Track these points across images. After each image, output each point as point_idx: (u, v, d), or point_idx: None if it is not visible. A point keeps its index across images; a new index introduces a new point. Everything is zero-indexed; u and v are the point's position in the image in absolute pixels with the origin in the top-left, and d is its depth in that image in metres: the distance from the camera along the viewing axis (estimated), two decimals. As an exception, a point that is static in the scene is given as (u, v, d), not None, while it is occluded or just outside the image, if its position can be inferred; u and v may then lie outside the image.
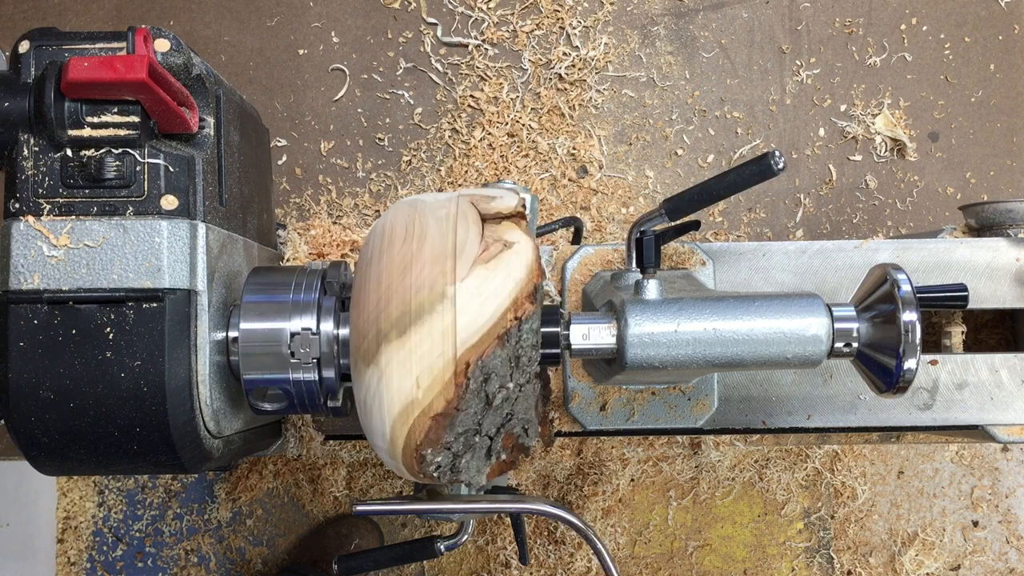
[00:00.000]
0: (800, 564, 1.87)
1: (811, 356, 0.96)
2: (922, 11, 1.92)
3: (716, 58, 1.91)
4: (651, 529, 1.86)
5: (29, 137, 0.89)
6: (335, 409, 1.01)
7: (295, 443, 1.24)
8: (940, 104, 1.91)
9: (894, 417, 1.23)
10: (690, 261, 1.22)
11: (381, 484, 1.84)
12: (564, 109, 1.87)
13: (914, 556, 1.86)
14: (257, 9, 1.89)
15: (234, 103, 1.02)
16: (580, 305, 1.23)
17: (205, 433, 0.93)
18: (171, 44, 0.89)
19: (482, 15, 1.88)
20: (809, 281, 1.24)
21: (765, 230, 1.89)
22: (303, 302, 0.98)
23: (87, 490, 1.89)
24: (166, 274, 0.89)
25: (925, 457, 1.90)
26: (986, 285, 1.23)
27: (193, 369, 0.91)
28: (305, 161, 1.87)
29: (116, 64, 0.83)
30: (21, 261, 0.88)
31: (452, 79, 1.88)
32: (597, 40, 1.89)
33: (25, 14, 1.89)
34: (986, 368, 1.22)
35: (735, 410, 1.23)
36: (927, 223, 1.90)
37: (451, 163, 1.86)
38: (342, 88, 1.88)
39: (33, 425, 0.88)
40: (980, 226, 1.29)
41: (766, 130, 1.90)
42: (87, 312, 0.87)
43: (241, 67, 1.88)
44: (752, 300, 0.97)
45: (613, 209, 1.87)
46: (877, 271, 0.97)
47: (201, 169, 0.92)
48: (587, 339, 0.97)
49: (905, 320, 0.91)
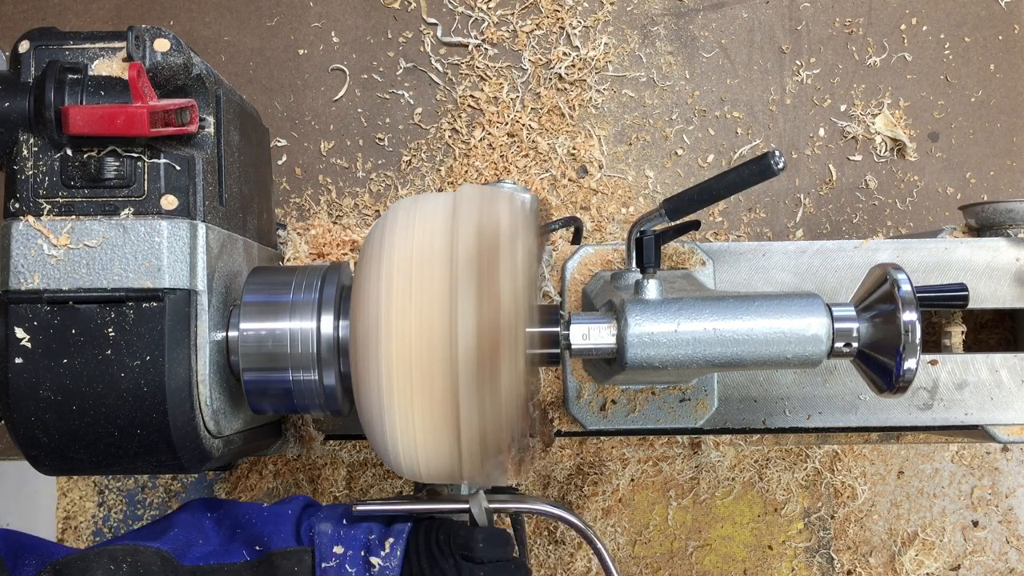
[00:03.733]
0: (800, 564, 1.87)
1: (811, 356, 0.96)
2: (922, 11, 1.92)
3: (716, 58, 1.91)
4: (651, 529, 1.86)
5: (29, 137, 0.89)
6: (335, 409, 1.01)
7: (295, 443, 1.24)
8: (940, 104, 1.91)
9: (894, 417, 1.23)
10: (690, 261, 1.22)
11: (381, 484, 1.84)
12: (564, 109, 1.87)
13: (914, 556, 1.86)
14: (257, 9, 1.89)
15: (234, 103, 1.02)
16: (580, 305, 1.23)
17: (205, 433, 0.93)
18: (171, 44, 0.89)
19: (482, 15, 1.88)
20: (809, 281, 1.24)
21: (765, 230, 1.89)
22: (303, 302, 0.98)
23: (87, 490, 1.89)
24: (166, 274, 0.89)
25: (925, 457, 1.90)
26: (986, 285, 1.23)
27: (193, 369, 0.91)
28: (305, 161, 1.87)
29: (117, 120, 0.84)
30: (21, 261, 0.88)
31: (452, 79, 1.88)
32: (597, 40, 1.89)
33: (25, 14, 1.89)
34: (986, 368, 1.22)
35: (735, 410, 1.23)
36: (927, 223, 1.90)
37: (451, 163, 1.86)
38: (342, 88, 1.88)
39: (33, 425, 0.88)
40: (980, 226, 1.29)
41: (766, 130, 1.90)
42: (87, 312, 0.87)
43: (241, 67, 1.88)
44: (752, 300, 0.97)
45: (613, 209, 1.87)
46: (877, 271, 0.97)
47: (201, 169, 0.92)
48: (587, 339, 0.97)
49: (905, 320, 0.91)
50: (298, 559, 0.93)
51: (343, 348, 0.97)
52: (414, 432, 0.88)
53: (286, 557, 0.93)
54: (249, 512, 1.00)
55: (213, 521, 1.00)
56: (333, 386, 0.98)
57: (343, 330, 0.97)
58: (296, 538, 0.97)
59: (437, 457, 0.90)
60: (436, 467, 0.91)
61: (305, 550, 0.95)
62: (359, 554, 0.94)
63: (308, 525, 0.98)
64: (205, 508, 1.03)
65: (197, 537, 0.97)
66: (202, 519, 1.01)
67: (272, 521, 0.98)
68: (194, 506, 1.03)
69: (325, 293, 0.98)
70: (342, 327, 0.97)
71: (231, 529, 0.99)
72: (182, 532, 0.98)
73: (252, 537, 0.97)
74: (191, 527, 0.99)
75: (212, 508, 1.03)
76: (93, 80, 0.89)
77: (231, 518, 1.01)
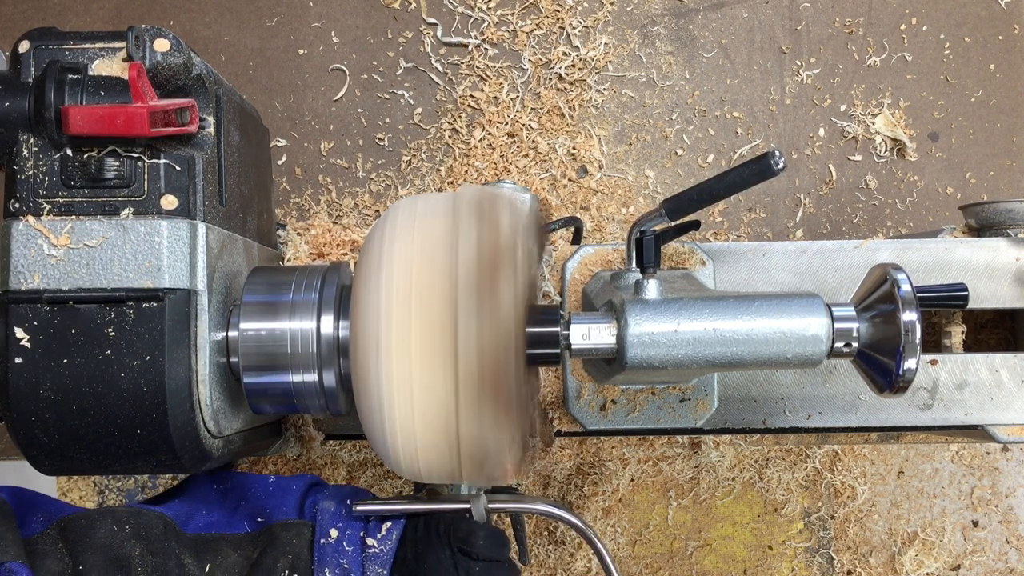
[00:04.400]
0: (800, 564, 1.87)
1: (811, 356, 0.96)
2: (922, 11, 1.92)
3: (716, 58, 1.91)
4: (651, 529, 1.86)
5: (29, 137, 0.89)
6: (335, 409, 1.01)
7: (295, 443, 1.24)
8: (940, 104, 1.91)
9: (894, 417, 1.23)
10: (690, 261, 1.22)
11: (381, 484, 1.84)
12: (564, 109, 1.87)
13: (914, 556, 1.86)
14: (257, 9, 1.89)
15: (234, 103, 1.02)
16: (580, 305, 1.23)
17: (205, 433, 0.93)
18: (171, 44, 0.89)
19: (482, 15, 1.88)
20: (809, 281, 1.24)
21: (765, 230, 1.89)
22: (303, 302, 0.98)
23: (87, 490, 1.89)
24: (166, 274, 0.89)
25: (925, 457, 1.90)
26: (986, 285, 1.23)
27: (193, 369, 0.91)
28: (305, 161, 1.87)
29: (117, 120, 0.84)
30: (21, 261, 0.88)
31: (452, 79, 1.88)
32: (597, 40, 1.89)
33: (25, 14, 1.89)
34: (986, 368, 1.22)
35: (735, 410, 1.23)
36: (927, 223, 1.90)
37: (451, 163, 1.86)
38: (342, 88, 1.88)
39: (33, 425, 0.88)
40: (980, 226, 1.29)
41: (766, 130, 1.90)
42: (87, 312, 0.87)
43: (241, 67, 1.88)
44: (752, 300, 0.97)
45: (613, 209, 1.87)
46: (877, 271, 0.97)
47: (201, 169, 0.92)
48: (587, 339, 0.97)
49: (905, 320, 0.91)
50: (297, 531, 0.95)
51: (343, 348, 0.97)
52: (414, 432, 0.88)
53: (286, 529, 0.95)
54: (255, 485, 1.02)
55: (219, 493, 1.02)
56: (333, 386, 0.98)
57: (343, 330, 0.97)
58: (299, 512, 0.99)
59: (437, 456, 0.90)
60: (436, 467, 0.91)
61: (305, 524, 0.96)
62: (357, 534, 0.96)
63: (313, 501, 1.00)
64: (212, 480, 1.04)
65: (201, 507, 0.99)
66: (209, 490, 1.02)
67: (277, 495, 1.00)
68: (201, 477, 1.04)
69: (325, 293, 0.98)
70: (342, 327, 0.97)
71: (236, 501, 1.01)
72: (187, 500, 1.00)
73: (256, 509, 0.98)
74: (196, 497, 1.01)
75: (220, 480, 1.04)
76: (93, 80, 0.89)
77: (237, 490, 1.02)
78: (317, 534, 0.95)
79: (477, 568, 0.95)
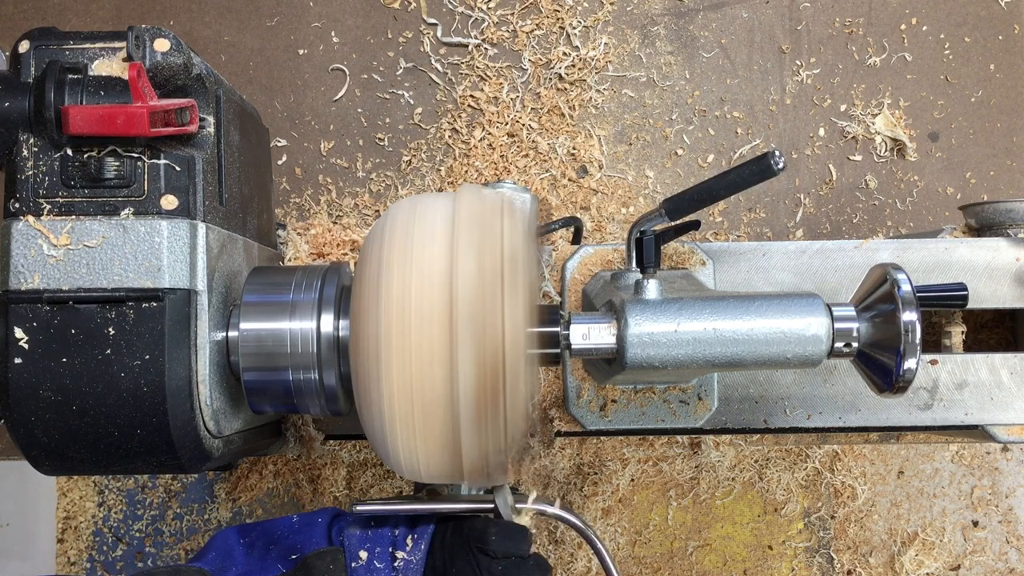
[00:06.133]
0: (800, 564, 1.87)
1: (811, 356, 0.96)
2: (922, 11, 1.92)
3: (716, 58, 1.91)
4: (651, 529, 1.86)
5: (29, 137, 0.89)
6: (335, 409, 1.01)
7: (295, 443, 1.24)
8: (940, 104, 1.91)
9: (894, 417, 1.23)
10: (690, 261, 1.22)
11: (381, 484, 1.84)
12: (564, 109, 1.87)
13: (914, 556, 1.86)
14: (257, 9, 1.89)
15: (234, 103, 1.02)
16: (580, 305, 1.23)
17: (205, 433, 0.93)
18: (171, 44, 0.89)
19: (482, 15, 1.88)
20: (809, 281, 1.24)
21: (765, 230, 1.89)
22: (303, 302, 0.98)
23: (87, 490, 1.89)
24: (166, 274, 0.89)
25: (925, 457, 1.90)
26: (986, 285, 1.23)
27: (193, 369, 0.91)
28: (305, 161, 1.87)
29: (117, 120, 0.84)
30: (21, 261, 0.88)
31: (452, 79, 1.88)
32: (597, 40, 1.89)
33: (25, 14, 1.89)
34: (986, 368, 1.22)
35: (735, 410, 1.23)
36: (927, 223, 1.90)
37: (451, 163, 1.86)
38: (342, 88, 1.88)
39: (33, 425, 0.88)
40: (980, 226, 1.29)
41: (766, 130, 1.90)
42: (87, 312, 0.87)
43: (241, 67, 1.88)
44: (752, 300, 0.97)
45: (613, 209, 1.87)
46: (877, 271, 0.97)
47: (201, 169, 0.92)
48: (587, 339, 0.97)
49: (905, 320, 0.91)
50: (332, 557, 0.95)
51: (343, 348, 0.97)
52: (414, 432, 0.88)
53: (320, 557, 0.95)
54: (281, 526, 1.03)
55: (243, 547, 1.02)
56: (333, 386, 0.98)
57: (343, 330, 0.97)
58: (328, 541, 0.99)
59: (437, 456, 0.90)
60: (436, 466, 0.91)
61: (339, 550, 0.96)
62: (386, 551, 0.96)
63: (338, 528, 1.00)
64: (236, 535, 1.04)
65: (229, 564, 0.99)
66: (233, 546, 1.02)
67: (304, 530, 1.00)
68: (225, 534, 1.04)
69: (325, 293, 0.98)
70: (342, 327, 0.97)
71: (264, 548, 1.01)
72: (217, 557, 1.00)
73: (287, 549, 0.99)
74: (223, 553, 1.01)
75: (243, 533, 1.05)
76: (93, 80, 0.89)
77: (264, 538, 1.03)
78: (347, 559, 0.95)
79: (499, 567, 0.94)
